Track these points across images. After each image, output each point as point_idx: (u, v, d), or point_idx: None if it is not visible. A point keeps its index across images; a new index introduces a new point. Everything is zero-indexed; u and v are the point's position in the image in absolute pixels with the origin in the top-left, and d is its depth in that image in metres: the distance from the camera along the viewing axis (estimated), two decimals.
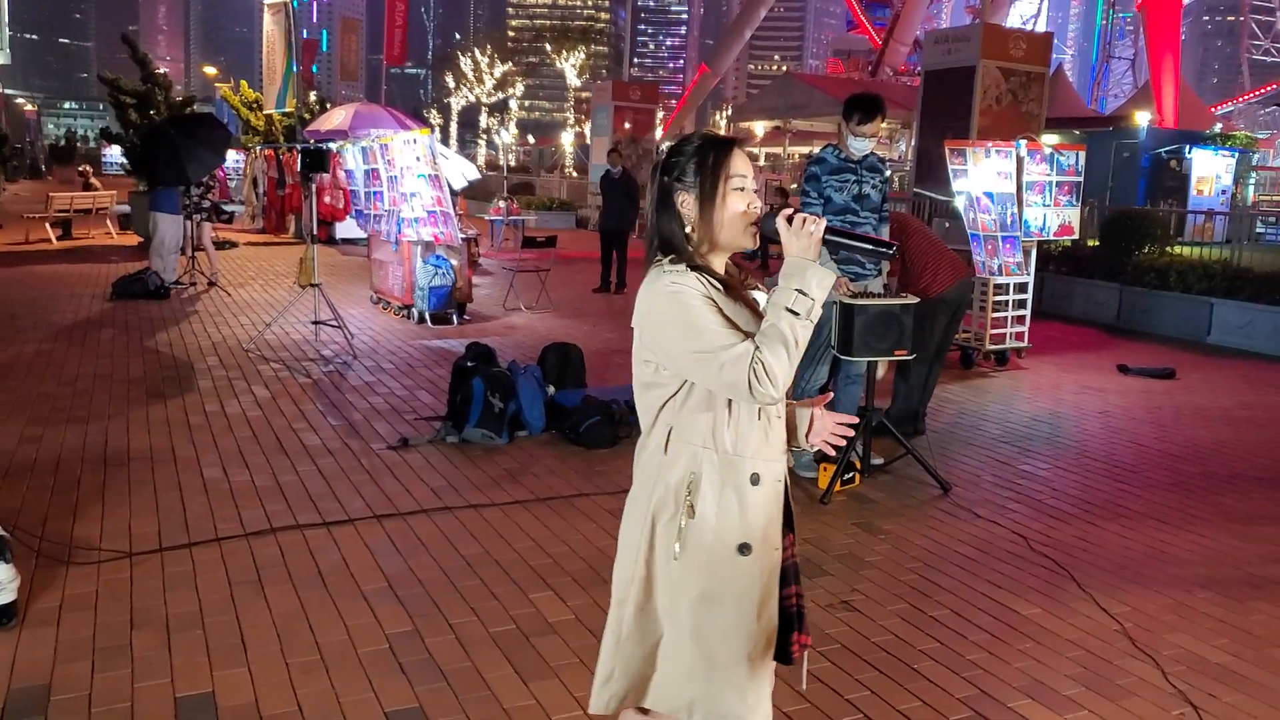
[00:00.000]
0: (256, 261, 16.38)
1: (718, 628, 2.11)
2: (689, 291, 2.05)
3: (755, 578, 2.11)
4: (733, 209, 2.11)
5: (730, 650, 2.12)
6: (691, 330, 2.03)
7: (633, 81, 40.99)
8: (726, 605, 2.11)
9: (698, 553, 2.09)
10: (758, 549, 2.11)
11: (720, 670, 2.12)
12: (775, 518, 2.16)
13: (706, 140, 2.16)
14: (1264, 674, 3.63)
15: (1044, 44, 14.98)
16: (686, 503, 2.09)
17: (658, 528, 2.13)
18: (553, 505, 5.14)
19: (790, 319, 2.00)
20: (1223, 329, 11.02)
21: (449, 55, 77.65)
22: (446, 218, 10.04)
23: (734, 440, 2.09)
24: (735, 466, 2.09)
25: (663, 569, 2.13)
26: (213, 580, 4.11)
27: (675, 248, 2.14)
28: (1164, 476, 6.05)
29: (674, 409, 2.12)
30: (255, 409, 6.91)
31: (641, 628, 2.16)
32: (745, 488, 2.09)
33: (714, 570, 2.10)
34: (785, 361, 1.98)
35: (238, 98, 26.80)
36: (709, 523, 2.09)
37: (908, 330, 5.40)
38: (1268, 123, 59.61)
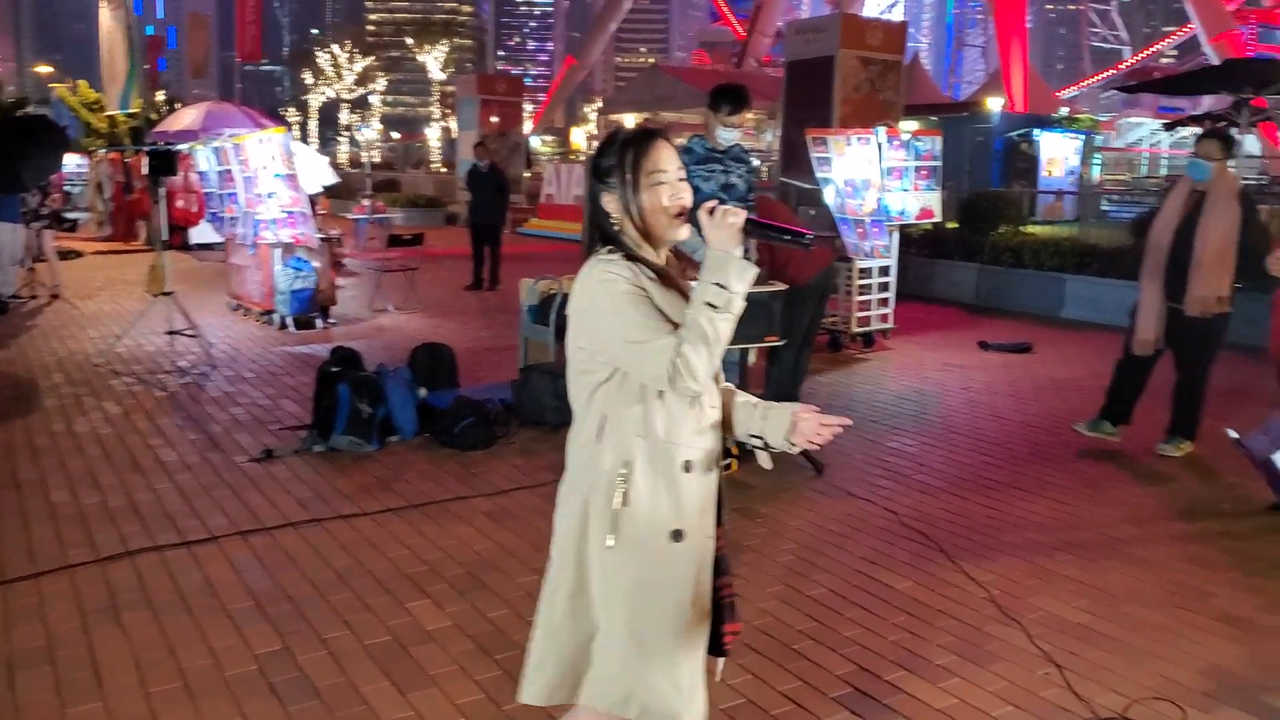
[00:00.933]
0: (105, 271, 15.64)
1: (652, 616, 2.12)
2: (621, 282, 2.08)
3: (689, 565, 2.14)
4: (653, 204, 2.13)
5: (664, 639, 2.13)
6: (620, 320, 2.07)
7: (498, 75, 40.65)
8: (660, 593, 2.12)
9: (631, 540, 2.10)
10: (691, 536, 2.13)
11: (654, 659, 2.13)
12: (708, 505, 2.18)
13: (626, 138, 2.18)
14: (1121, 630, 3.80)
15: (900, 33, 15.38)
16: (620, 490, 2.10)
17: (591, 515, 2.14)
18: (427, 511, 5.03)
19: (710, 313, 2.03)
20: (1074, 303, 11.52)
21: (306, 51, 75.59)
22: (305, 218, 9.76)
23: (666, 427, 2.11)
24: (668, 454, 2.11)
25: (596, 557, 2.14)
26: (63, 611, 3.88)
27: (611, 241, 2.17)
28: (1024, 447, 6.29)
29: (606, 396, 2.14)
30: (106, 426, 6.58)
31: (575, 616, 2.16)
32: (678, 475, 2.12)
33: (648, 558, 2.11)
34: (705, 355, 2.02)
35: (76, 98, 25.61)
36: (642, 510, 2.10)
37: (777, 317, 5.48)
38: (1109, 105, 62.61)
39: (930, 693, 3.33)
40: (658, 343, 2.03)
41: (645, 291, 2.09)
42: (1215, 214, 5.65)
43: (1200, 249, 5.65)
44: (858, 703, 3.26)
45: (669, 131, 2.37)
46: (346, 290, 12.91)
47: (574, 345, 2.19)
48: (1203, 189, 5.75)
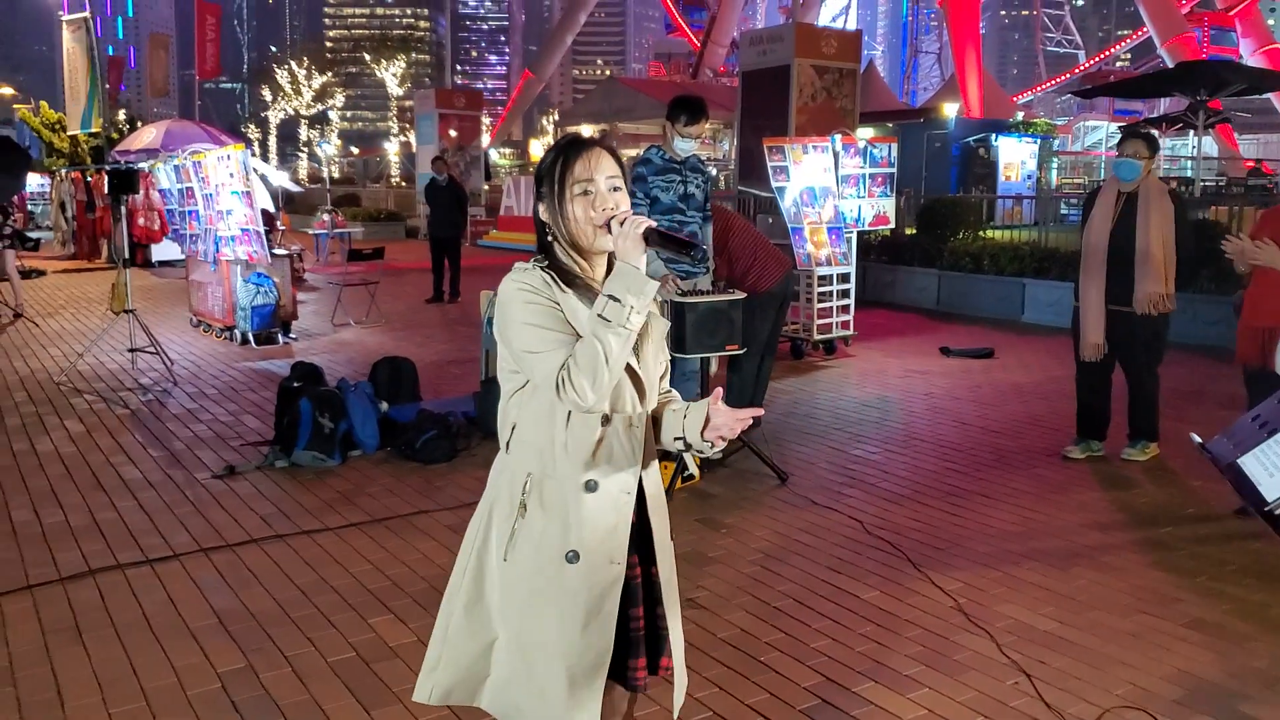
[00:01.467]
0: (67, 289, 15.44)
1: (537, 636, 2.07)
2: (526, 291, 2.04)
3: (581, 589, 2.05)
4: (576, 214, 2.07)
5: (548, 661, 2.07)
6: (523, 330, 2.02)
7: (456, 89, 40.47)
8: (547, 614, 2.07)
9: (525, 555, 2.07)
10: (588, 559, 2.06)
11: (539, 681, 2.08)
12: (617, 530, 2.09)
13: (556, 146, 2.14)
14: (1088, 636, 3.81)
15: (854, 41, 15.53)
16: (520, 502, 2.07)
17: (493, 525, 2.12)
18: (390, 525, 5.00)
19: (600, 326, 1.95)
20: (1035, 307, 11.65)
21: (265, 68, 75.09)
22: (258, 236, 9.71)
23: (572, 444, 2.06)
24: (571, 470, 2.06)
25: (494, 568, 2.11)
26: (24, 632, 3.82)
27: (546, 252, 2.13)
28: (987, 453, 6.33)
29: (519, 404, 2.11)
30: (69, 444, 6.49)
31: (471, 623, 2.13)
32: (578, 494, 2.05)
33: (538, 575, 2.07)
34: (592, 370, 1.93)
35: (38, 119, 25.30)
36: (537, 525, 2.06)
37: (738, 325, 5.49)
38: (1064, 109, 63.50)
39: (899, 703, 3.32)
40: (551, 355, 1.98)
41: (555, 303, 2.03)
42: (1151, 211, 5.67)
43: (1142, 246, 5.66)
44: (825, 714, 3.26)
45: (612, 140, 2.33)
46: (307, 305, 12.83)
47: (499, 353, 2.16)
48: (1130, 189, 5.78)
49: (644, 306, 1.97)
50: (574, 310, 2.04)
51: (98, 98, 20.58)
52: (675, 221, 5.71)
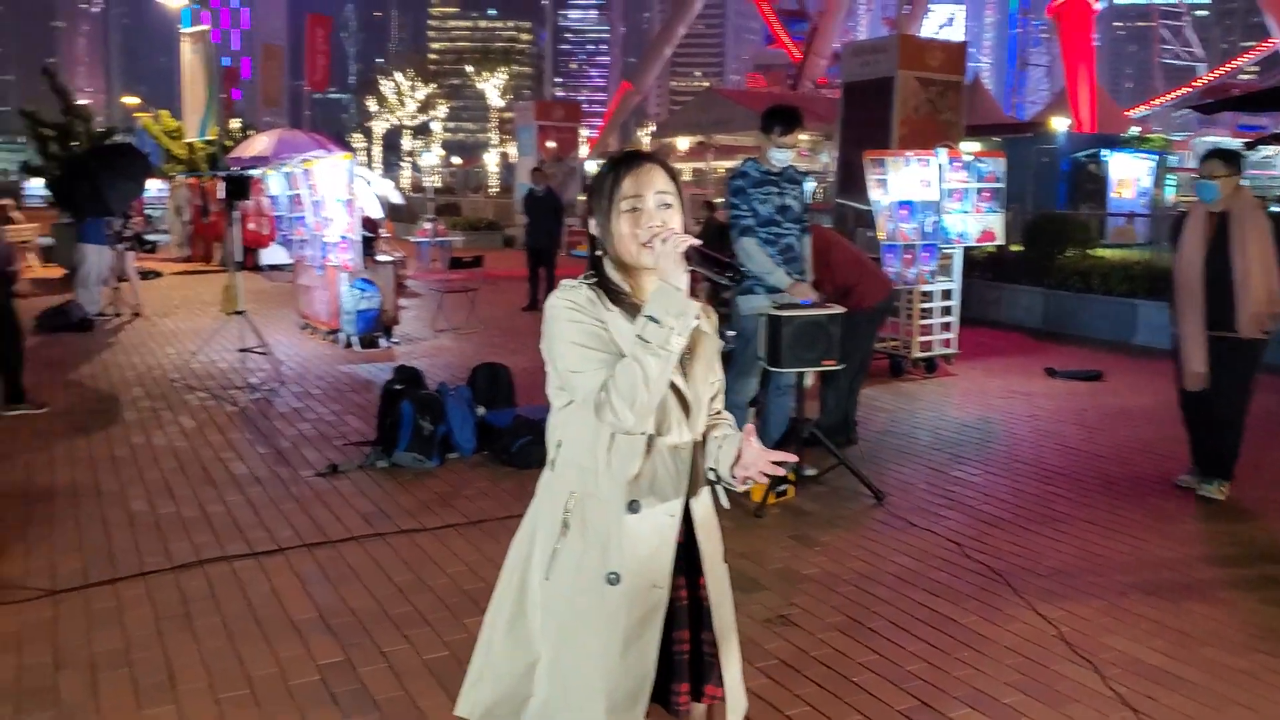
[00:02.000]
0: (182, 290, 16.03)
1: (574, 658, 2.04)
2: (571, 309, 2.02)
3: (620, 611, 2.02)
4: (622, 230, 2.05)
5: (586, 685, 2.03)
6: (567, 348, 2.01)
7: (555, 101, 41.07)
8: (586, 635, 2.03)
9: (565, 575, 2.04)
10: (629, 581, 2.02)
11: (577, 705, 2.03)
12: (659, 554, 2.05)
13: (610, 161, 2.13)
14: (1200, 674, 3.66)
15: (960, 53, 15.27)
16: (562, 520, 2.05)
17: (536, 542, 2.10)
18: (485, 528, 5.08)
19: (640, 348, 1.91)
20: (1147, 330, 11.22)
21: (371, 79, 76.99)
22: (354, 245, 9.98)
23: (615, 464, 2.03)
24: (615, 490, 2.02)
25: (535, 587, 2.09)
26: (139, 616, 3.99)
27: (595, 267, 2.12)
28: (1092, 479, 6.15)
29: (565, 422, 2.09)
30: (182, 439, 6.74)
31: (513, 642, 2.11)
32: (621, 515, 2.02)
33: (578, 596, 2.03)
34: (632, 392, 1.90)
35: (158, 127, 26.33)
36: (578, 545, 2.04)
37: (836, 340, 5.43)
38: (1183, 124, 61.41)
39: None
40: (593, 375, 1.95)
41: (600, 321, 2.01)
42: (1246, 229, 5.41)
43: (1241, 267, 5.39)
44: None
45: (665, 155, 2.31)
46: (409, 310, 13.10)
47: (547, 370, 2.13)
48: (1219, 210, 5.53)
49: (686, 328, 1.93)
50: (619, 329, 2.01)
51: (214, 107, 21.39)
52: (772, 234, 5.68)
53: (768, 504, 5.40)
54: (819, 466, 6.03)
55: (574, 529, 2.04)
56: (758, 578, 4.49)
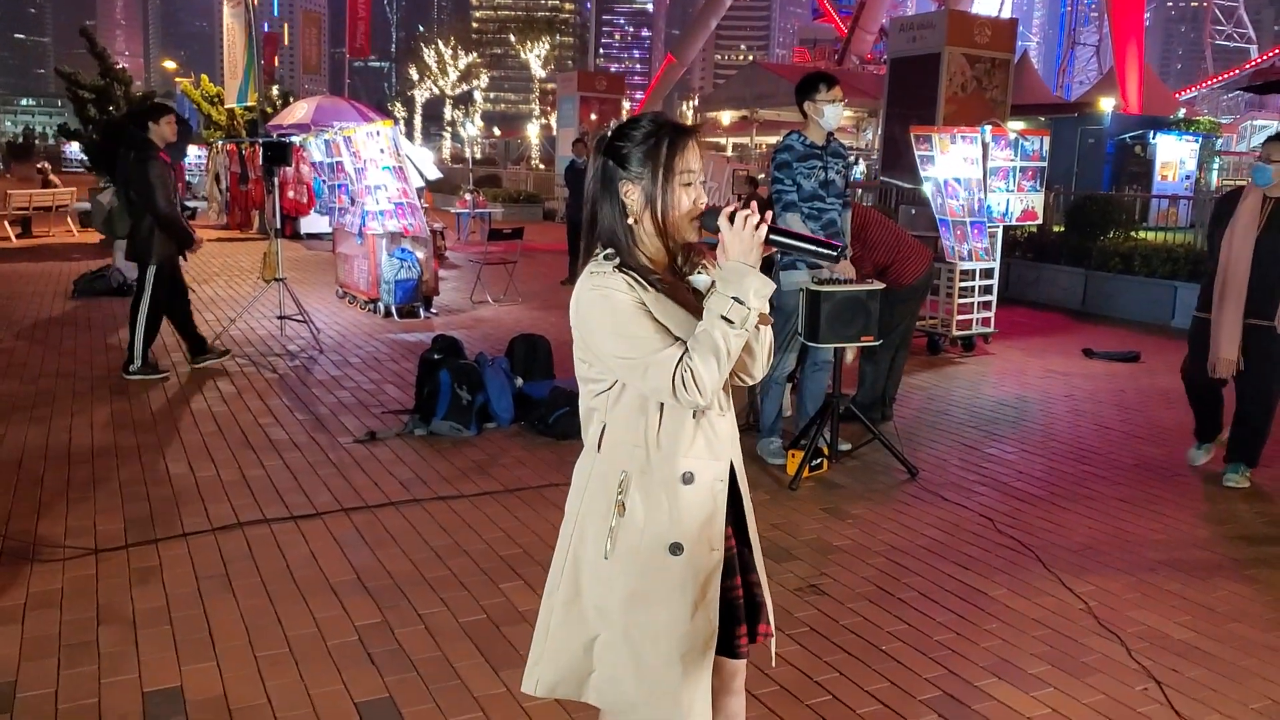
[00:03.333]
0: (220, 257, 16.20)
1: (648, 628, 2.07)
2: (615, 295, 1.99)
3: (687, 579, 2.06)
4: (680, 206, 2.03)
5: (660, 652, 2.07)
6: (617, 334, 1.99)
7: (598, 72, 40.87)
8: (656, 606, 2.06)
9: (627, 552, 2.06)
10: (691, 549, 2.06)
11: (651, 672, 2.07)
12: (713, 518, 2.09)
13: (658, 126, 2.05)
14: (1225, 649, 3.68)
15: (1009, 30, 15.05)
16: (618, 501, 2.06)
17: (588, 525, 2.10)
18: (522, 496, 5.14)
19: (724, 328, 1.93)
20: (1187, 312, 10.97)
21: (412, 47, 77.12)
22: (414, 209, 9.98)
23: (666, 439, 2.05)
24: (667, 465, 2.05)
25: (592, 567, 2.10)
26: (179, 576, 4.08)
27: (615, 241, 2.06)
28: (1128, 459, 6.12)
29: (608, 404, 2.09)
30: (221, 404, 6.85)
31: (570, 622, 2.13)
32: (677, 487, 2.05)
33: (644, 570, 2.06)
34: (715, 370, 1.93)
35: (198, 92, 26.50)
36: (638, 522, 2.05)
37: (874, 316, 5.43)
38: (1231, 107, 60.25)
39: (1022, 701, 3.27)
40: (660, 355, 1.95)
41: (643, 304, 2.00)
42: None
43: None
44: (947, 706, 3.23)
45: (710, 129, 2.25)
46: (448, 281, 13.18)
47: (577, 355, 2.12)
48: (1276, 195, 5.40)
49: (764, 307, 1.97)
50: (664, 310, 2.01)
51: (254, 73, 21.53)
52: (814, 209, 5.66)
53: (802, 477, 5.42)
54: (854, 441, 6.04)
55: (631, 507, 2.05)
56: (790, 548, 4.53)
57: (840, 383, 5.77)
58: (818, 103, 5.61)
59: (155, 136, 7.52)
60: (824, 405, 5.74)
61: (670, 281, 2.08)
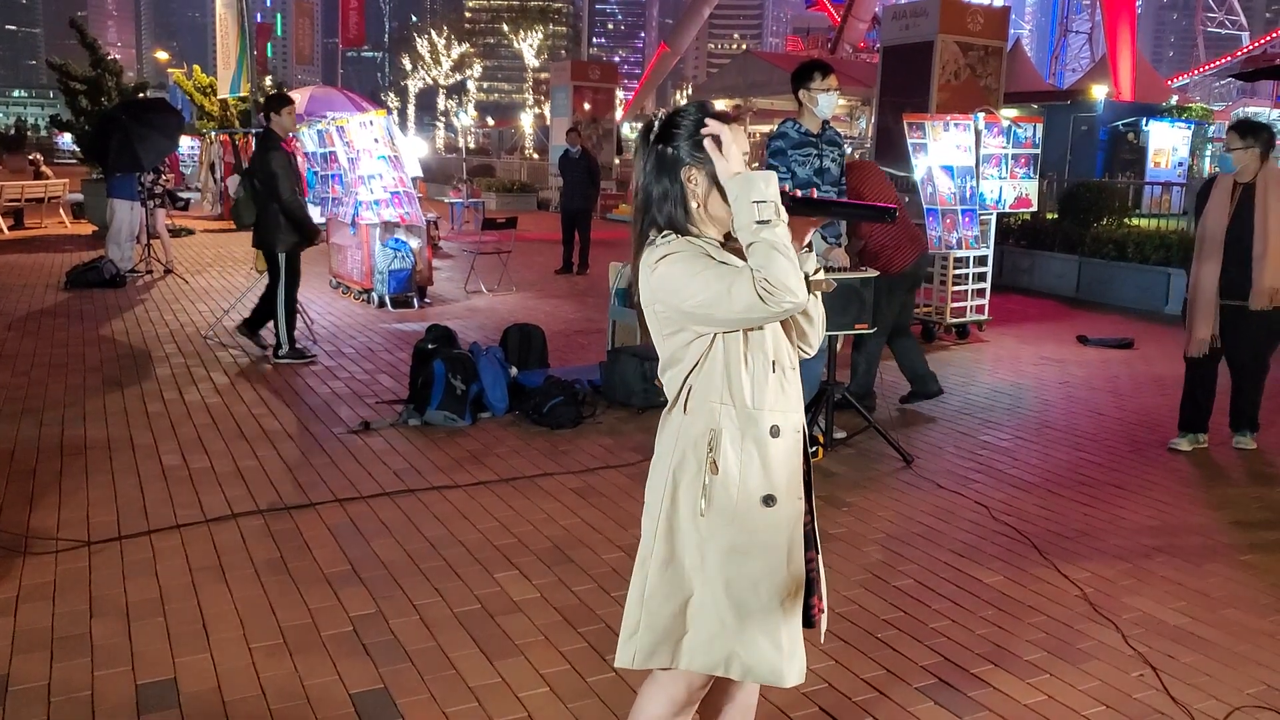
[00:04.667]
0: (214, 248, 16.16)
1: (748, 578, 2.13)
2: (683, 252, 2.07)
3: (781, 528, 2.14)
4: None
5: (762, 599, 2.13)
6: (693, 276, 2.04)
7: (592, 61, 40.70)
8: (755, 556, 2.12)
9: (723, 507, 2.11)
10: (782, 500, 2.13)
11: (754, 620, 2.14)
12: (797, 468, 2.18)
13: (722, 115, 2.13)
14: (1220, 634, 3.69)
15: (1001, 18, 15.05)
16: (709, 459, 2.11)
17: (680, 485, 2.14)
18: (516, 485, 5.13)
19: (765, 228, 1.98)
20: (1180, 298, 11.02)
21: (405, 37, 76.85)
22: (410, 198, 9.96)
23: (751, 394, 2.11)
24: (754, 420, 2.10)
25: (688, 525, 2.14)
26: (173, 567, 4.06)
27: (675, 224, 2.13)
28: (1123, 445, 6.13)
29: (692, 364, 2.14)
30: (214, 395, 6.83)
31: (667, 584, 2.17)
32: (765, 440, 2.11)
33: (740, 523, 2.11)
34: (783, 265, 1.97)
35: (191, 83, 26.38)
36: (732, 477, 2.10)
37: (868, 304, 5.43)
38: (1223, 94, 60.15)
39: (1018, 688, 3.27)
40: (739, 276, 1.99)
41: (707, 254, 2.08)
42: (1269, 200, 5.49)
43: (1260, 241, 5.48)
44: (942, 694, 3.23)
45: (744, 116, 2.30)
46: (442, 271, 13.15)
47: (658, 336, 2.17)
48: (1246, 180, 5.60)
49: (776, 196, 2.04)
50: (727, 258, 2.08)
51: (247, 63, 21.42)
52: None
53: None
54: (848, 430, 6.04)
55: (725, 463, 2.10)
56: None
57: (835, 371, 5.76)
58: (812, 91, 5.60)
59: (277, 127, 7.72)
60: (819, 393, 5.73)
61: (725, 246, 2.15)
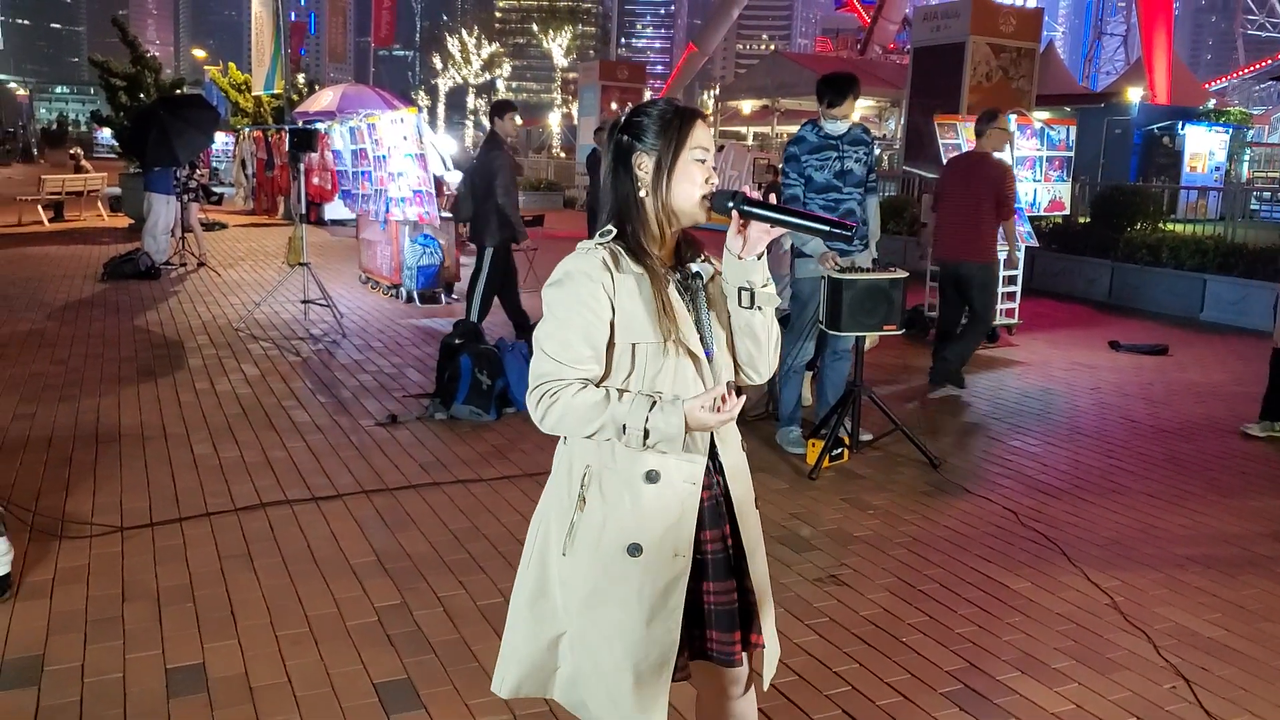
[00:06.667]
0: (246, 242, 16.30)
1: (602, 630, 2.00)
2: (573, 278, 1.95)
3: (645, 583, 1.97)
4: (689, 178, 1.98)
5: (614, 656, 1.99)
6: (550, 309, 1.98)
7: (620, 61, 40.69)
8: (611, 607, 1.98)
9: (585, 549, 1.99)
10: (651, 552, 1.96)
11: (605, 677, 2.01)
12: (680, 522, 1.98)
13: (672, 105, 2.04)
14: (1255, 647, 3.62)
15: (1034, 20, 14.91)
16: (579, 495, 1.99)
17: (553, 521, 2.05)
18: (540, 481, 5.04)
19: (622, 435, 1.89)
20: (1215, 305, 11.00)
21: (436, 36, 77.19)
22: (430, 198, 10.01)
23: None
24: (630, 461, 1.96)
25: (554, 563, 2.05)
26: (203, 554, 4.10)
27: (625, 212, 2.01)
28: (1157, 452, 6.05)
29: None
30: (245, 387, 6.89)
31: (536, 618, 2.08)
32: (639, 485, 1.95)
33: (600, 569, 1.98)
34: (560, 428, 1.95)
35: (226, 80, 26.61)
36: (596, 519, 1.98)
37: (896, 305, 5.39)
38: (1263, 98, 59.42)
39: (1045, 696, 3.23)
40: (559, 354, 1.93)
41: (609, 294, 1.93)
42: None
43: None
44: (968, 700, 3.20)
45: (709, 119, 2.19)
46: (469, 268, 13.17)
47: None
48: None
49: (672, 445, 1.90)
50: (629, 294, 1.94)
51: (281, 61, 21.57)
52: (831, 200, 5.61)
53: (822, 467, 5.39)
54: (875, 432, 6.00)
55: (591, 503, 1.98)
56: (809, 538, 4.50)
57: (862, 371, 5.73)
58: (823, 113, 5.61)
59: (500, 130, 7.92)
60: (845, 394, 5.70)
61: (665, 268, 2.01)
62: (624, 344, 1.96)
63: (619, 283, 1.94)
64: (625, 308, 1.94)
